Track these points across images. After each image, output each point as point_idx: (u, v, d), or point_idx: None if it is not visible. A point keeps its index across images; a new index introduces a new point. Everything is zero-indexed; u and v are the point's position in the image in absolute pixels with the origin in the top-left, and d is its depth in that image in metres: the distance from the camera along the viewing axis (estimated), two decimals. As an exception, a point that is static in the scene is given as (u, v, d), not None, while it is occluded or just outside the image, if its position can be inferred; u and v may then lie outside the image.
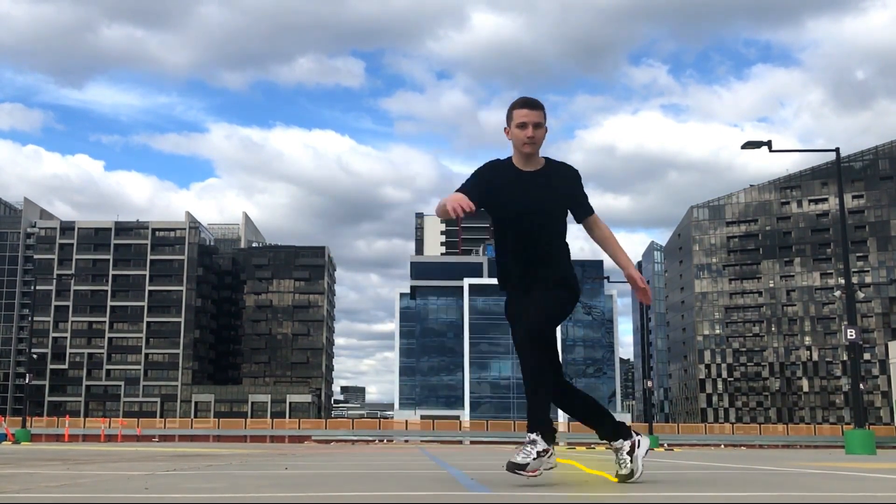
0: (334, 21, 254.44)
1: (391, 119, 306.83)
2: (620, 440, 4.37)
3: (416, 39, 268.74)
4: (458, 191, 4.25)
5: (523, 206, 4.21)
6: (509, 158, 4.34)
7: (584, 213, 4.35)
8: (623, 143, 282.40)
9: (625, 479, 4.35)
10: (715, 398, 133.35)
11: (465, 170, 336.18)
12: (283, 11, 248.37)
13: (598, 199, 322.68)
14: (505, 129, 4.31)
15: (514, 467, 3.96)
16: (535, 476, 4.01)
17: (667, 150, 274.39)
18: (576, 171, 4.36)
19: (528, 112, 4.23)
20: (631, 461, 4.35)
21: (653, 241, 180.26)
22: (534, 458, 3.95)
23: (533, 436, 4.01)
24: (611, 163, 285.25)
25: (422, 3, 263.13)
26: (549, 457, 4.02)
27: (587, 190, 4.46)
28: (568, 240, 4.41)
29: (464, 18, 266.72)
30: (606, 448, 4.46)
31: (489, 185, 4.26)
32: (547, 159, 4.35)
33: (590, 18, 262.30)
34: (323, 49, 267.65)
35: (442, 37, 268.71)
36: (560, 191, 4.27)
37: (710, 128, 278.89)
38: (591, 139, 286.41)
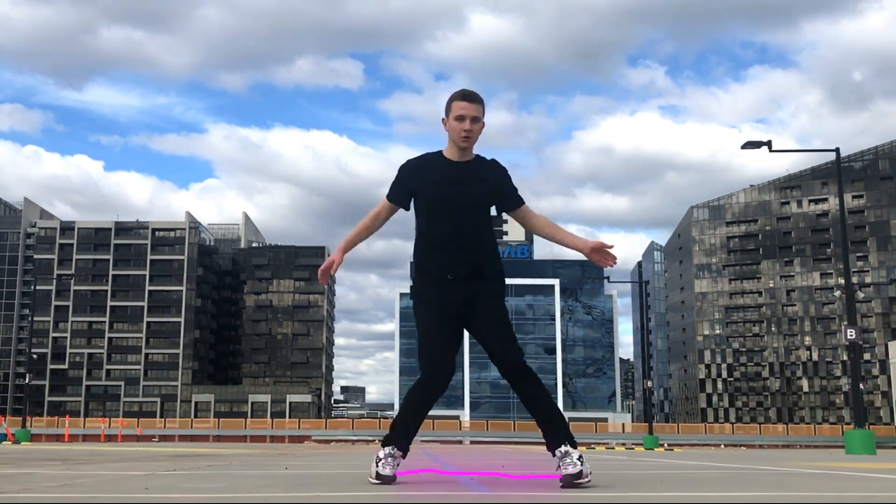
0: (333, 23, 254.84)
1: (390, 120, 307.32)
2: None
3: (414, 41, 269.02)
4: (389, 191, 4.37)
5: (452, 190, 4.22)
6: (440, 151, 4.36)
7: (514, 204, 4.34)
8: (621, 144, 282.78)
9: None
10: (715, 398, 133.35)
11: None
12: (282, 14, 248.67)
13: (597, 200, 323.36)
14: (443, 119, 4.29)
15: (572, 480, 3.93)
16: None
17: (665, 151, 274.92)
18: (503, 167, 4.39)
19: (467, 105, 4.20)
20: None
21: (653, 241, 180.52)
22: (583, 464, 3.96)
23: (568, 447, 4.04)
24: (609, 164, 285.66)
25: (420, 5, 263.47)
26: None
27: (585, 189, 4.46)
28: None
29: (462, 20, 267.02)
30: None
31: (419, 177, 4.28)
32: (477, 155, 4.36)
33: (587, 20, 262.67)
34: (321, 51, 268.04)
35: (440, 39, 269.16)
36: (490, 181, 4.28)
37: (708, 129, 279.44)
38: (589, 140, 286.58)
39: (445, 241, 4.22)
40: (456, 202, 4.22)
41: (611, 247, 4.22)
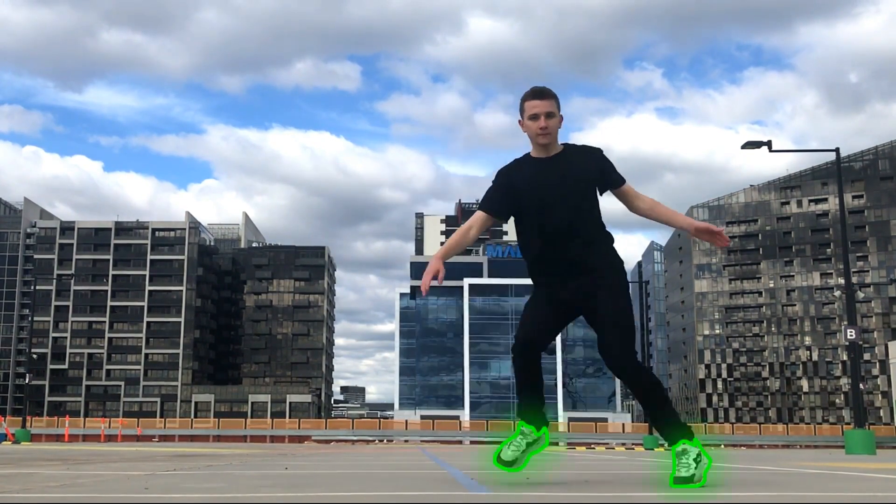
0: (331, 26, 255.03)
1: (388, 121, 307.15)
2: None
3: (412, 44, 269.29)
4: (481, 202, 4.29)
5: (547, 192, 4.15)
6: (527, 154, 4.30)
7: (615, 183, 4.24)
8: (618, 146, 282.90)
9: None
10: (715, 398, 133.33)
11: (461, 171, 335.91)
12: (281, 16, 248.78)
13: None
14: (519, 121, 4.26)
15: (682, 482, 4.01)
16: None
17: (662, 153, 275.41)
18: (598, 149, 4.30)
19: (539, 103, 4.17)
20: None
21: (653, 241, 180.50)
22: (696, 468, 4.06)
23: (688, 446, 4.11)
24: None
25: (419, 8, 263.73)
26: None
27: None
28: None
29: (461, 23, 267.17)
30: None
31: (510, 188, 4.23)
32: (566, 144, 4.30)
33: (584, 23, 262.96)
34: (320, 53, 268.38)
35: (439, 42, 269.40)
36: (583, 167, 4.18)
37: (705, 130, 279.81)
38: (587, 141, 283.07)
39: (545, 241, 4.15)
40: (549, 199, 4.14)
41: (719, 230, 4.15)
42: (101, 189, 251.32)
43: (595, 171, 4.21)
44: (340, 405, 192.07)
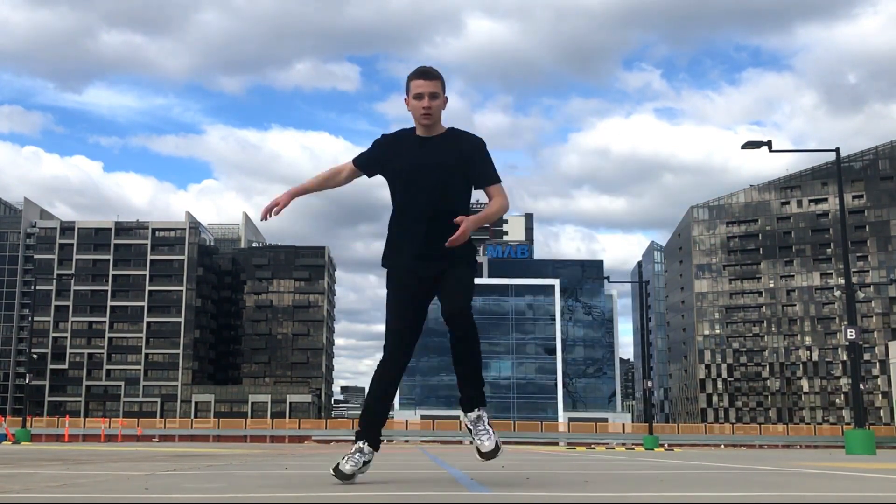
0: (331, 27, 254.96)
1: (387, 121, 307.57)
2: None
3: (411, 45, 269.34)
4: (355, 158, 4.38)
5: (422, 162, 4.15)
6: (413, 128, 4.32)
7: (485, 181, 4.22)
8: (617, 146, 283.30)
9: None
10: (715, 398, 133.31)
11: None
12: (280, 18, 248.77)
13: (594, 201, 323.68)
14: (405, 99, 4.27)
15: (491, 456, 4.15)
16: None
17: (661, 153, 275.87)
18: (479, 139, 4.28)
19: (425, 83, 4.19)
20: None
21: (653, 241, 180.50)
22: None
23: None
24: (605, 165, 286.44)
25: (418, 9, 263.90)
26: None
27: (582, 191, 4.42)
28: (562, 240, 4.37)
29: (460, 24, 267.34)
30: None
31: (390, 150, 4.26)
32: (451, 128, 4.30)
33: (583, 24, 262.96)
34: (319, 54, 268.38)
35: (438, 43, 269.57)
36: (460, 152, 4.18)
37: (704, 131, 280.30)
38: (585, 142, 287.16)
39: (417, 214, 4.14)
40: (425, 173, 4.14)
41: (458, 234, 3.98)
42: (101, 189, 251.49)
43: (469, 160, 4.19)
44: (340, 405, 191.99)
